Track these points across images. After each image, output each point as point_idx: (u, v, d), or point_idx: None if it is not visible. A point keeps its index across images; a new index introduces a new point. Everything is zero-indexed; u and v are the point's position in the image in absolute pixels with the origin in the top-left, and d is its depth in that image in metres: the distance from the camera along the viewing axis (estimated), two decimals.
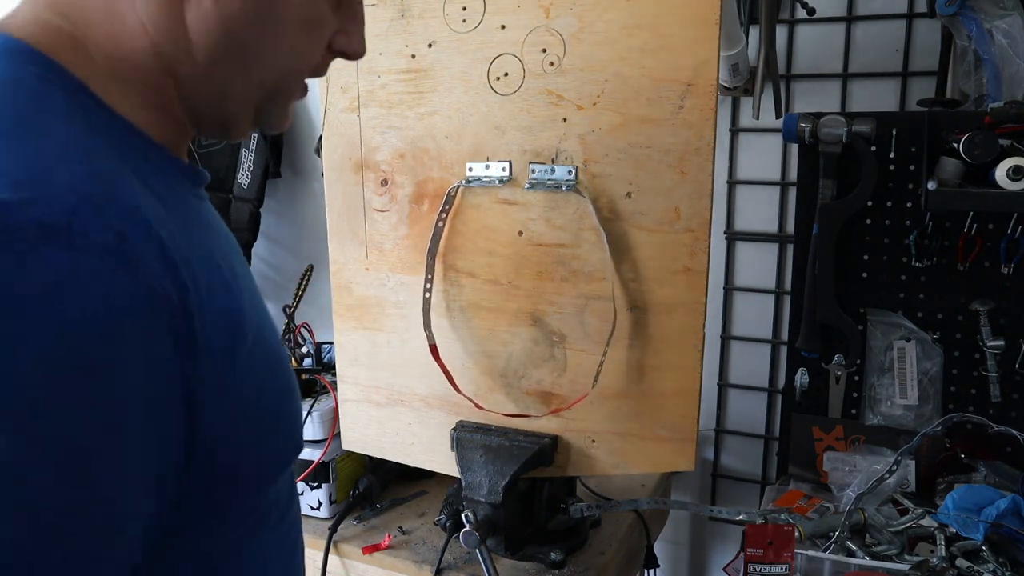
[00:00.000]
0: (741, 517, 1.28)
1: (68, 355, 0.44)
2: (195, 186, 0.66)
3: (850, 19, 1.69)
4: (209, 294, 0.54)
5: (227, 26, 0.59)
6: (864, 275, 1.56)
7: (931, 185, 1.39)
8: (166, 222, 0.52)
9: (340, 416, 1.51)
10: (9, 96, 0.52)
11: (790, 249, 1.72)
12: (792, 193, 1.74)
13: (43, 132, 0.50)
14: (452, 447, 1.35)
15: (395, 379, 1.43)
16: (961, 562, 1.21)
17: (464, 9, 1.27)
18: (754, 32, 1.67)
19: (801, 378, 1.61)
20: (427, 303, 1.34)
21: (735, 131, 1.83)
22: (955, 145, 1.39)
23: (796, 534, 1.21)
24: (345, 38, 0.68)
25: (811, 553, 1.21)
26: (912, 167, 1.49)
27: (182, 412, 0.51)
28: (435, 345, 1.35)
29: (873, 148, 1.49)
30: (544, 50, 1.23)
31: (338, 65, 1.37)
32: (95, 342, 0.45)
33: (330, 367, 1.81)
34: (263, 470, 0.64)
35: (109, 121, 0.57)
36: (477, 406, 1.34)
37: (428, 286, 1.34)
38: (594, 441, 1.31)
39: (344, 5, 0.67)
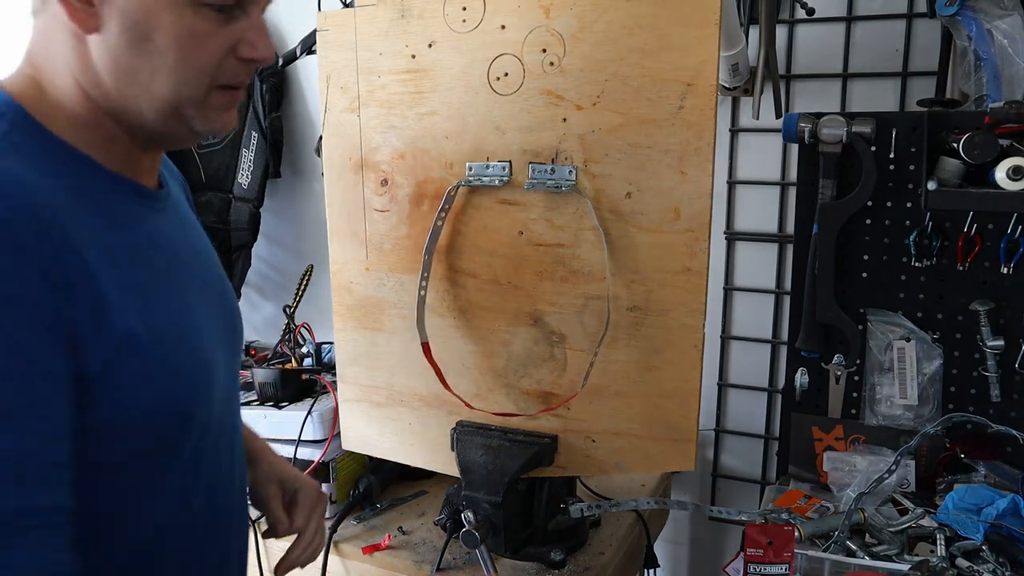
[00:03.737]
0: (741, 517, 1.28)
1: None
2: (154, 202, 0.80)
3: (850, 19, 1.69)
4: (110, 269, 0.69)
5: (115, 56, 0.71)
6: (864, 275, 1.56)
7: (931, 185, 1.39)
8: (73, 215, 0.67)
9: (340, 416, 1.51)
10: None
11: (790, 249, 1.72)
12: (792, 193, 1.74)
13: None
14: (452, 447, 1.35)
15: (395, 379, 1.43)
16: (961, 562, 1.21)
17: (464, 9, 1.27)
18: (754, 32, 1.67)
19: (801, 378, 1.61)
20: (421, 301, 1.34)
21: (735, 131, 1.83)
22: (955, 145, 1.39)
23: (796, 534, 1.21)
24: (248, 47, 0.77)
25: (811, 553, 1.21)
26: (912, 167, 1.49)
27: (62, 337, 0.65)
28: (427, 343, 1.35)
29: (873, 148, 1.49)
30: (544, 50, 1.23)
31: (338, 65, 1.37)
32: None
33: (330, 367, 1.81)
34: (171, 421, 0.76)
35: (63, 153, 0.71)
36: (468, 405, 1.34)
37: (423, 284, 1.34)
38: (594, 441, 1.31)
39: (237, 18, 0.76)
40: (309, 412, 1.53)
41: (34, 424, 0.62)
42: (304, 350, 1.97)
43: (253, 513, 1.07)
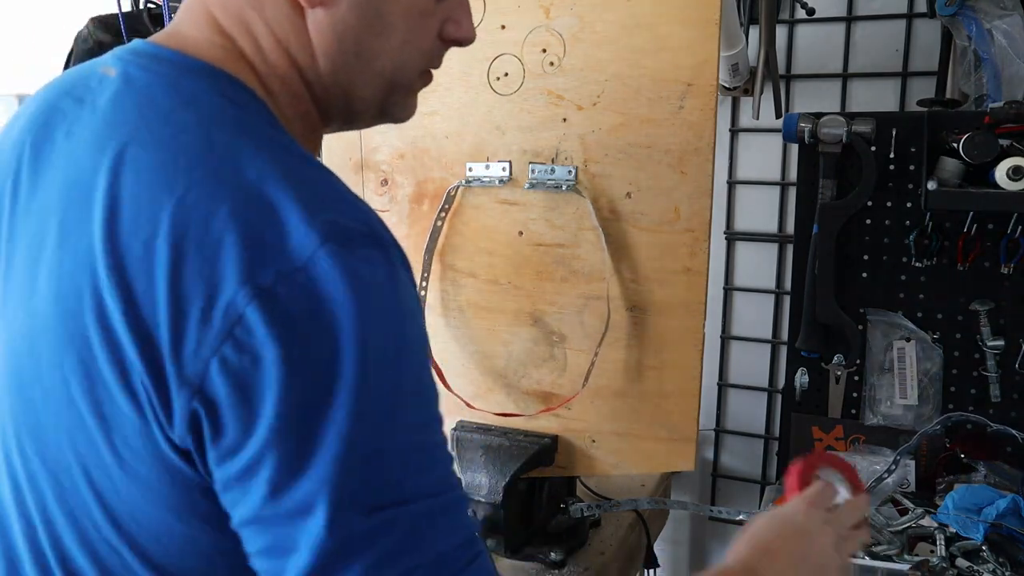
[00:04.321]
0: (741, 517, 1.29)
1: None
2: None
3: (850, 19, 1.69)
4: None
5: (340, 30, 0.65)
6: (864, 275, 1.56)
7: (931, 185, 1.39)
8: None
9: None
10: (249, 120, 0.61)
11: (790, 249, 1.72)
12: (792, 193, 1.74)
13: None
14: (452, 447, 1.35)
15: None
16: (961, 562, 1.21)
17: None
18: (754, 32, 1.67)
19: (801, 378, 1.61)
20: (422, 301, 1.34)
21: (735, 131, 1.83)
22: (955, 145, 1.39)
23: None
24: (454, 26, 0.72)
25: None
26: (912, 167, 1.49)
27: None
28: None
29: (873, 148, 1.49)
30: (544, 50, 1.23)
31: None
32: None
33: None
34: None
35: (288, 139, 0.63)
36: (468, 405, 1.34)
37: (424, 284, 1.34)
38: (594, 441, 1.31)
39: None
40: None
41: (447, 453, 0.62)
42: None
43: None
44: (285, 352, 0.50)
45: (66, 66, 1.72)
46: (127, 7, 1.68)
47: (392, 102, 0.73)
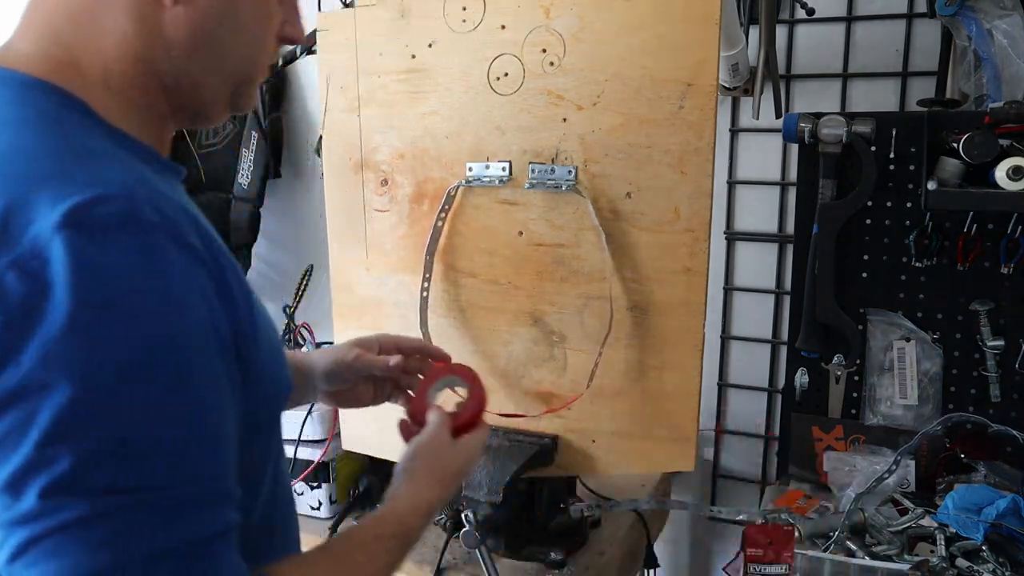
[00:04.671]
0: (741, 517, 1.29)
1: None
2: (178, 178, 0.77)
3: (850, 19, 1.69)
4: (223, 259, 0.66)
5: (196, 25, 0.70)
6: (864, 275, 1.56)
7: (931, 185, 1.39)
8: (189, 208, 0.65)
9: (340, 416, 1.51)
10: (47, 123, 0.64)
11: (790, 249, 1.72)
12: (792, 193, 1.74)
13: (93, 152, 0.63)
14: None
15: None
16: (961, 562, 1.21)
17: (464, 9, 1.27)
18: (754, 32, 1.67)
19: (801, 378, 1.61)
20: (424, 302, 1.34)
21: (735, 131, 1.83)
22: (955, 145, 1.39)
23: (796, 534, 1.21)
24: (291, 27, 0.79)
25: (811, 553, 1.21)
26: (912, 167, 1.49)
27: (231, 342, 0.64)
28: None
29: (873, 148, 1.49)
30: (544, 50, 1.23)
31: (338, 65, 1.37)
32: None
33: None
34: (280, 396, 0.79)
35: (109, 132, 0.67)
36: None
37: (426, 285, 1.34)
38: (594, 441, 1.31)
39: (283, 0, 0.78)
40: (309, 412, 1.53)
41: (220, 441, 0.62)
42: (304, 350, 1.97)
43: None
44: (3, 338, 0.53)
45: None
46: None
47: (239, 94, 0.77)
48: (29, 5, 0.70)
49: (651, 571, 1.56)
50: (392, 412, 1.44)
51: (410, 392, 1.04)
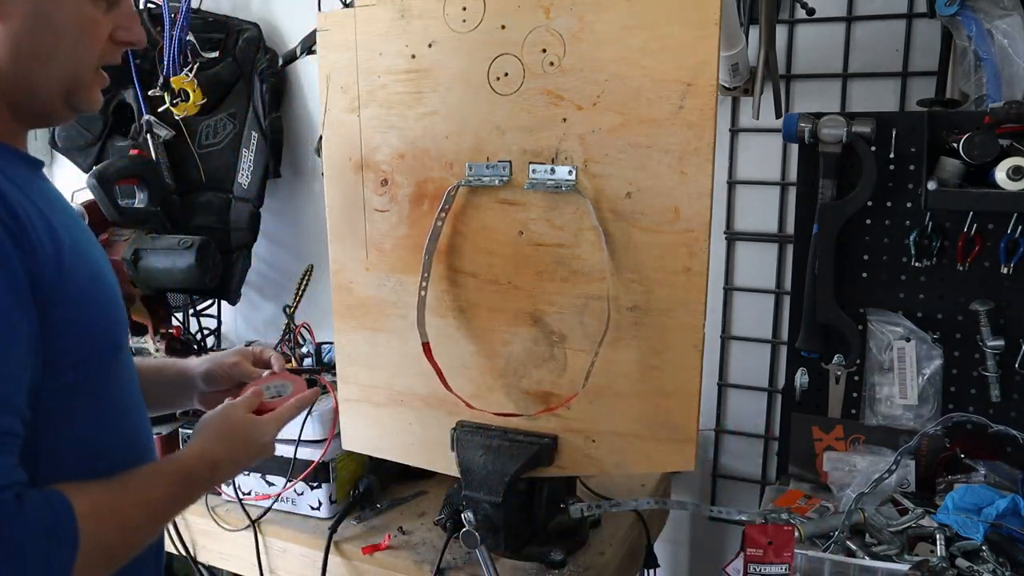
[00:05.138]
0: (741, 517, 1.28)
1: None
2: (34, 169, 0.88)
3: (850, 19, 1.69)
4: (39, 221, 0.78)
5: (16, 40, 0.79)
6: (864, 275, 1.56)
7: (931, 185, 1.39)
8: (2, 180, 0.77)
9: (340, 416, 1.51)
10: None
11: (790, 249, 1.72)
12: (792, 193, 1.74)
13: None
14: (452, 447, 1.35)
15: (395, 379, 1.43)
16: (961, 562, 1.21)
17: (464, 9, 1.27)
18: (754, 32, 1.67)
19: (801, 378, 1.61)
20: (422, 302, 1.34)
21: (735, 131, 1.83)
22: (955, 145, 1.39)
23: (796, 534, 1.21)
24: (124, 32, 0.88)
25: (811, 553, 1.21)
26: (912, 167, 1.49)
27: (24, 281, 0.75)
28: (428, 344, 1.35)
29: (873, 148, 1.49)
30: (544, 50, 1.23)
31: (338, 65, 1.37)
32: None
33: (330, 367, 1.81)
34: (105, 336, 0.89)
35: None
36: (468, 405, 1.34)
37: (424, 284, 1.34)
38: (594, 441, 1.31)
39: (113, 5, 0.87)
40: (309, 412, 1.53)
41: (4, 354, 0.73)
42: (304, 350, 1.97)
43: None
44: None
45: None
46: None
47: (74, 94, 0.86)
48: None
49: (651, 571, 1.56)
50: (393, 413, 1.45)
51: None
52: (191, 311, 2.27)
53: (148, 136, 2.02)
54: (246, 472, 1.56)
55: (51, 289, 0.78)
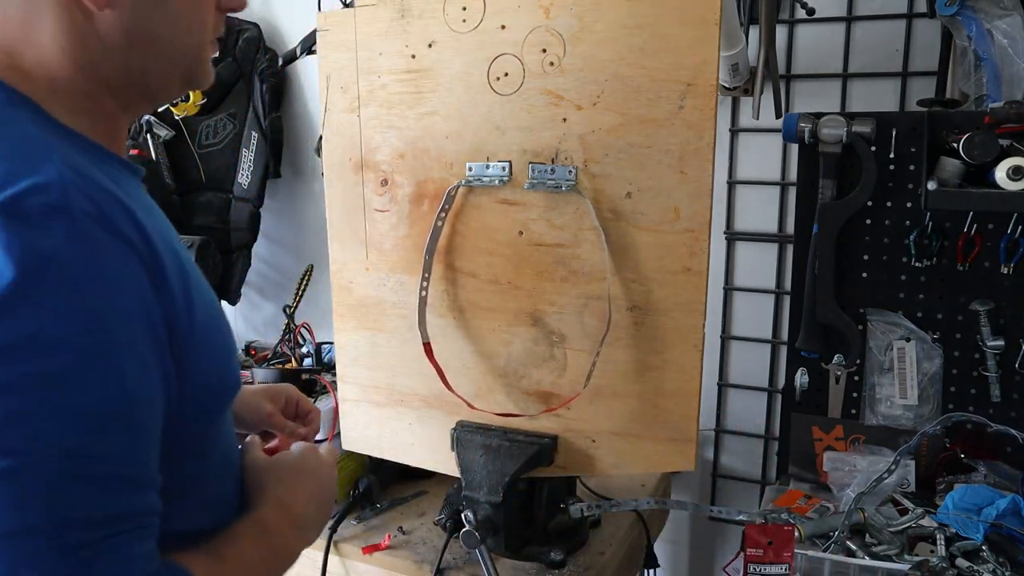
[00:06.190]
0: (741, 517, 1.28)
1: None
2: (134, 176, 0.79)
3: (850, 19, 1.69)
4: (163, 250, 0.68)
5: (129, 24, 0.72)
6: (864, 275, 1.56)
7: (931, 185, 1.39)
8: (127, 202, 0.67)
9: (340, 416, 1.51)
10: None
11: (790, 249, 1.72)
12: (792, 193, 1.74)
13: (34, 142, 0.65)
14: (452, 447, 1.35)
15: (395, 379, 1.43)
16: (961, 562, 1.21)
17: (464, 9, 1.27)
18: (754, 32, 1.67)
19: (801, 378, 1.61)
20: (423, 302, 1.34)
21: (735, 131, 1.83)
22: (955, 145, 1.39)
23: (796, 534, 1.21)
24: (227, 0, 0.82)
25: (811, 553, 1.21)
26: (912, 167, 1.49)
27: (164, 332, 0.67)
28: (429, 344, 1.35)
29: (873, 148, 1.49)
30: (544, 50, 1.23)
31: (338, 65, 1.37)
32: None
33: (330, 367, 1.81)
34: (225, 391, 0.80)
35: (62, 130, 0.70)
36: (470, 406, 1.34)
37: (424, 284, 1.34)
38: (594, 441, 1.31)
39: None
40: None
41: (140, 423, 0.64)
42: (304, 350, 1.98)
43: None
44: None
45: None
46: None
47: (191, 72, 0.80)
48: None
49: (651, 571, 1.56)
50: (393, 413, 1.45)
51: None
52: None
53: (148, 136, 2.02)
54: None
55: (183, 336, 0.69)
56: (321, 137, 1.45)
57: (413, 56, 1.31)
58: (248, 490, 0.87)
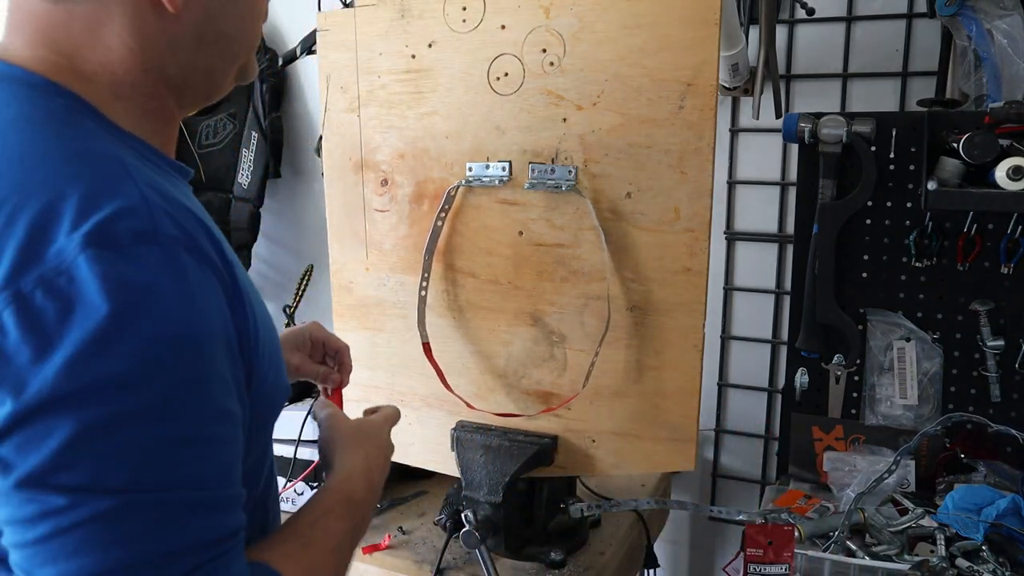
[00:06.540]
0: (741, 517, 1.28)
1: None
2: (184, 179, 0.77)
3: (850, 19, 1.69)
4: (235, 267, 0.67)
5: (201, 25, 0.71)
6: (864, 275, 1.56)
7: (931, 185, 1.39)
8: (202, 217, 0.66)
9: None
10: (58, 125, 0.64)
11: (790, 249, 1.72)
12: (792, 193, 1.74)
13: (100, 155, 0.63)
14: (452, 447, 1.35)
15: (395, 379, 1.43)
16: (961, 562, 1.21)
17: (464, 9, 1.27)
18: (754, 32, 1.67)
19: (801, 378, 1.61)
20: (422, 302, 1.34)
21: (735, 131, 1.82)
22: (955, 145, 1.39)
23: (796, 534, 1.21)
24: None
25: (811, 553, 1.21)
26: (912, 167, 1.49)
27: (237, 348, 0.66)
28: (428, 344, 1.35)
29: (873, 148, 1.49)
30: (544, 50, 1.23)
31: (338, 65, 1.37)
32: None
33: None
34: (278, 399, 0.79)
35: (125, 137, 0.68)
36: (469, 406, 1.34)
37: (424, 284, 1.34)
38: (594, 441, 1.31)
39: None
40: (309, 412, 1.53)
41: (230, 445, 0.64)
42: None
43: None
44: (34, 352, 0.54)
45: None
46: None
47: (246, 67, 0.79)
48: (12, 13, 0.69)
49: (651, 571, 1.56)
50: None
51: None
52: None
53: None
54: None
55: (250, 348, 0.68)
56: (321, 137, 1.45)
57: (413, 56, 1.31)
58: (330, 452, 0.89)
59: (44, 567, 0.55)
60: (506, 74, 1.26)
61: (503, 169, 1.27)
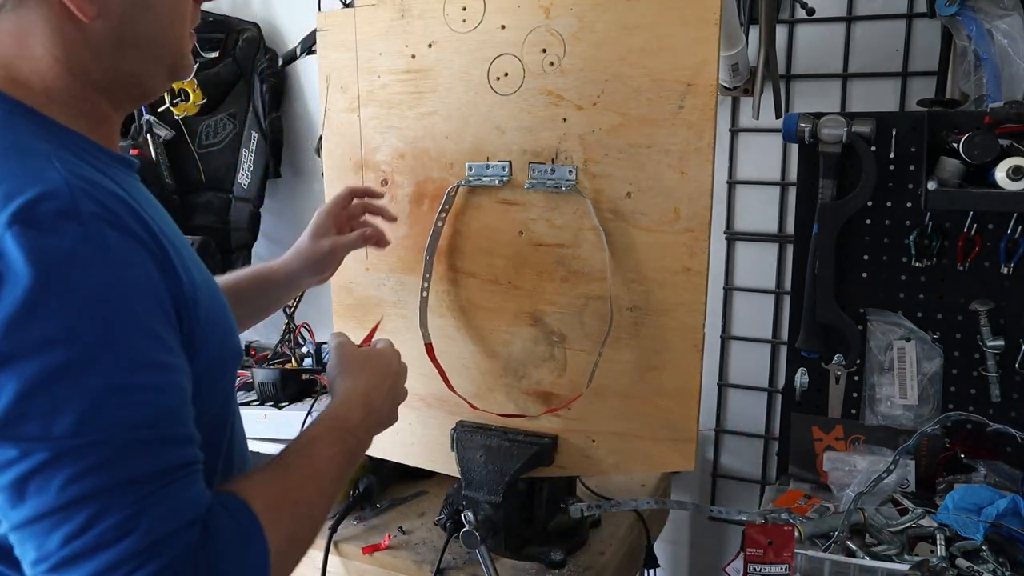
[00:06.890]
0: (741, 517, 1.28)
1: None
2: (130, 169, 0.84)
3: (850, 19, 1.69)
4: (165, 241, 0.73)
5: (118, 31, 0.76)
6: (864, 275, 1.56)
7: (931, 185, 1.39)
8: (128, 199, 0.72)
9: None
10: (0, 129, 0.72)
11: (790, 249, 1.72)
12: (792, 193, 1.74)
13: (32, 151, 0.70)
14: (452, 447, 1.35)
15: None
16: (961, 562, 1.21)
17: (464, 9, 1.27)
18: (754, 32, 1.67)
19: (801, 378, 1.61)
20: (424, 302, 1.34)
21: (735, 131, 1.83)
22: (955, 145, 1.39)
23: (796, 534, 1.21)
24: None
25: (811, 553, 1.21)
26: (912, 167, 1.49)
27: (172, 308, 0.72)
28: (431, 344, 1.35)
29: (873, 148, 1.49)
30: (544, 50, 1.23)
31: (338, 65, 1.37)
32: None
33: None
34: (229, 359, 0.87)
35: (63, 133, 0.76)
36: (472, 406, 1.34)
37: (425, 285, 1.34)
38: (594, 441, 1.31)
39: None
40: (309, 412, 1.53)
41: (163, 395, 0.70)
42: (304, 350, 1.97)
43: None
44: None
45: None
46: None
47: (175, 67, 0.84)
48: None
49: (651, 571, 1.56)
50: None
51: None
52: None
53: (148, 136, 2.02)
54: None
55: (190, 312, 0.74)
56: (321, 137, 1.45)
57: (413, 56, 1.31)
58: (334, 377, 0.96)
59: (15, 510, 0.63)
60: (506, 74, 1.26)
61: (503, 169, 1.27)
